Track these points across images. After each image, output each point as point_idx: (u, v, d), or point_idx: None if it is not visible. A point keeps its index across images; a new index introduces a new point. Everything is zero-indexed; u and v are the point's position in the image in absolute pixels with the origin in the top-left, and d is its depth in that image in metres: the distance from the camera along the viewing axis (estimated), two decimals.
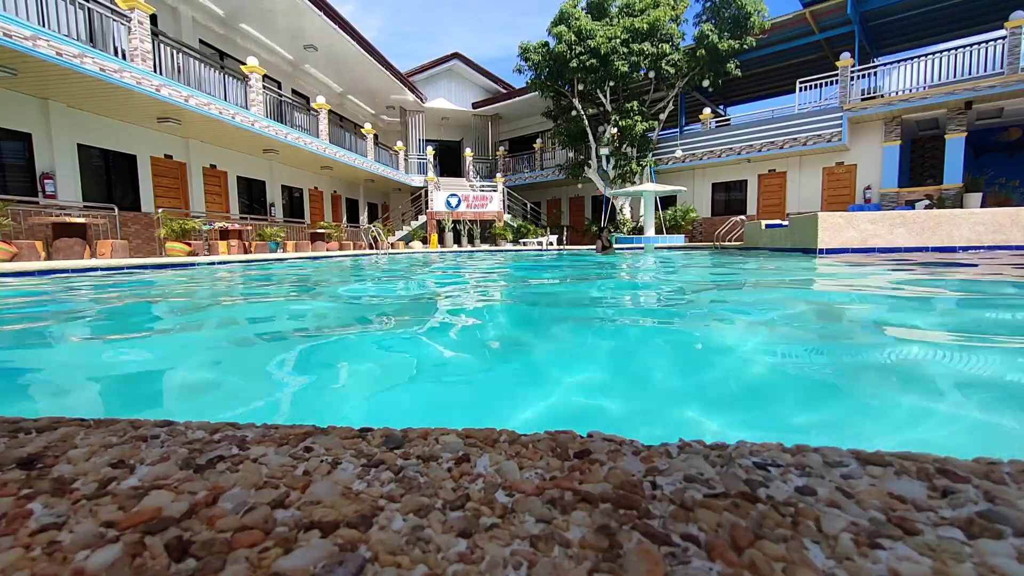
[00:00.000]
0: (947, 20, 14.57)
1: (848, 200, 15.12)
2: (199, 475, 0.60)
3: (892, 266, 6.29)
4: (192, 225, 10.49)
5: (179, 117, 10.56)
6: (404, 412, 1.59)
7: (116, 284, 5.70)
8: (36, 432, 0.74)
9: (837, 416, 1.47)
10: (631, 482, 0.57)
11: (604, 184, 18.34)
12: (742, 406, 1.58)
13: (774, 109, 17.05)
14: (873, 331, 2.60)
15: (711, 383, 1.83)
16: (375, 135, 18.89)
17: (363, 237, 18.96)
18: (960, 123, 12.88)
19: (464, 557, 0.43)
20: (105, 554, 0.44)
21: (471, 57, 23.15)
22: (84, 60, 7.85)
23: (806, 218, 9.58)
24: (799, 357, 2.11)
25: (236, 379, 1.99)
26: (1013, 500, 0.51)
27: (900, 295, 3.89)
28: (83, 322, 3.28)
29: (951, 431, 1.32)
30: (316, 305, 4.06)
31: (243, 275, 7.10)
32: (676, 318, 3.26)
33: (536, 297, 4.55)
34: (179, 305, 4.21)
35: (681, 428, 1.37)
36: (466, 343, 2.62)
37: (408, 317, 3.39)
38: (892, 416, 1.42)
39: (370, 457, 0.65)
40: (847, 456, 0.63)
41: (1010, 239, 8.62)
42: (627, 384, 1.87)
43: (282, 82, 16.81)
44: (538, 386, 1.83)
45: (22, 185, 8.89)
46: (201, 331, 3.02)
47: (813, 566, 0.41)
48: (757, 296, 4.11)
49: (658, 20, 15.50)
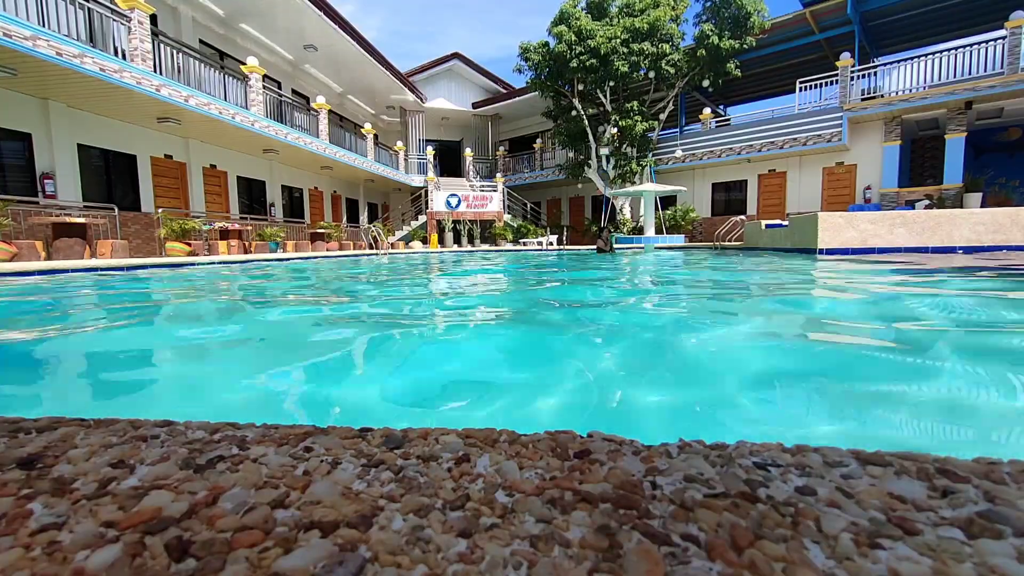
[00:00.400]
0: (947, 20, 14.57)
1: (848, 200, 15.12)
2: (199, 475, 0.60)
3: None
4: (192, 225, 10.50)
5: (179, 117, 10.56)
6: (404, 412, 1.59)
7: (142, 282, 5.70)
8: (36, 432, 0.74)
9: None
10: (631, 482, 0.57)
11: (604, 184, 18.34)
12: (743, 406, 1.58)
13: (774, 109, 17.07)
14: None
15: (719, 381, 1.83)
16: (375, 135, 18.89)
17: (363, 237, 18.96)
18: (960, 123, 12.89)
19: (464, 557, 0.43)
20: (105, 554, 0.44)
21: (471, 57, 23.18)
22: (84, 60, 7.85)
23: (806, 218, 9.58)
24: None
25: (244, 377, 1.99)
26: (1013, 500, 0.51)
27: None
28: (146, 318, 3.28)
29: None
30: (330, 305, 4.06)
31: (265, 273, 7.10)
32: (678, 317, 3.26)
33: (538, 297, 4.55)
34: (220, 305, 4.21)
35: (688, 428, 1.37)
36: (468, 342, 2.62)
37: (408, 317, 3.40)
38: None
39: (370, 457, 0.65)
40: (847, 456, 0.63)
41: (1010, 239, 8.62)
42: (641, 383, 1.87)
43: (282, 82, 16.82)
44: (541, 384, 1.83)
45: (22, 185, 8.89)
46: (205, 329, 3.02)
47: (813, 566, 0.41)
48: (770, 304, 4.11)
49: (658, 20, 15.50)
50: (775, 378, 1.85)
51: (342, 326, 3.09)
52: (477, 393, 1.77)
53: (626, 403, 1.61)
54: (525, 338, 2.74)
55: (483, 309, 3.79)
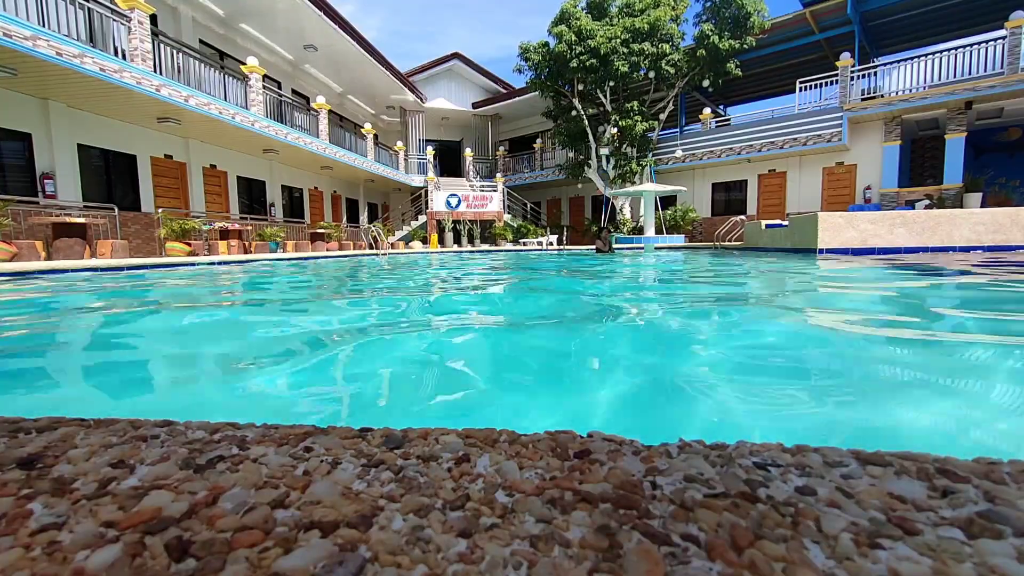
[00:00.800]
0: (947, 20, 14.57)
1: (848, 200, 15.12)
2: (199, 475, 0.60)
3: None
4: (192, 225, 10.50)
5: (179, 117, 10.56)
6: (404, 412, 1.60)
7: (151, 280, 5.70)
8: (36, 432, 0.74)
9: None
10: (631, 482, 0.57)
11: (604, 184, 18.34)
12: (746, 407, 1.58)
13: (774, 109, 17.06)
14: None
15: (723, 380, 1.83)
16: (375, 135, 18.89)
17: (363, 237, 18.96)
18: (960, 123, 12.88)
19: (464, 557, 0.43)
20: (105, 554, 0.44)
21: (471, 57, 23.18)
22: (84, 60, 7.85)
23: (806, 218, 9.58)
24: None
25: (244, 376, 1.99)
26: (1013, 500, 0.51)
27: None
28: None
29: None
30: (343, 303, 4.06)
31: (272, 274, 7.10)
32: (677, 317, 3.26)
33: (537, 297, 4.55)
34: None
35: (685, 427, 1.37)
36: (470, 341, 2.62)
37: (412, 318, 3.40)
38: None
39: (370, 457, 0.65)
40: (847, 456, 0.63)
41: (1010, 239, 8.62)
42: (636, 385, 1.87)
43: (282, 82, 16.82)
44: (543, 386, 1.83)
45: (22, 185, 8.89)
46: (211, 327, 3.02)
47: (813, 566, 0.41)
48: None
49: (658, 20, 15.50)
50: (781, 378, 1.85)
51: (338, 326, 3.09)
52: (477, 393, 1.77)
53: (626, 403, 1.61)
54: (521, 338, 2.73)
55: (476, 313, 3.79)
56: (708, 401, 1.60)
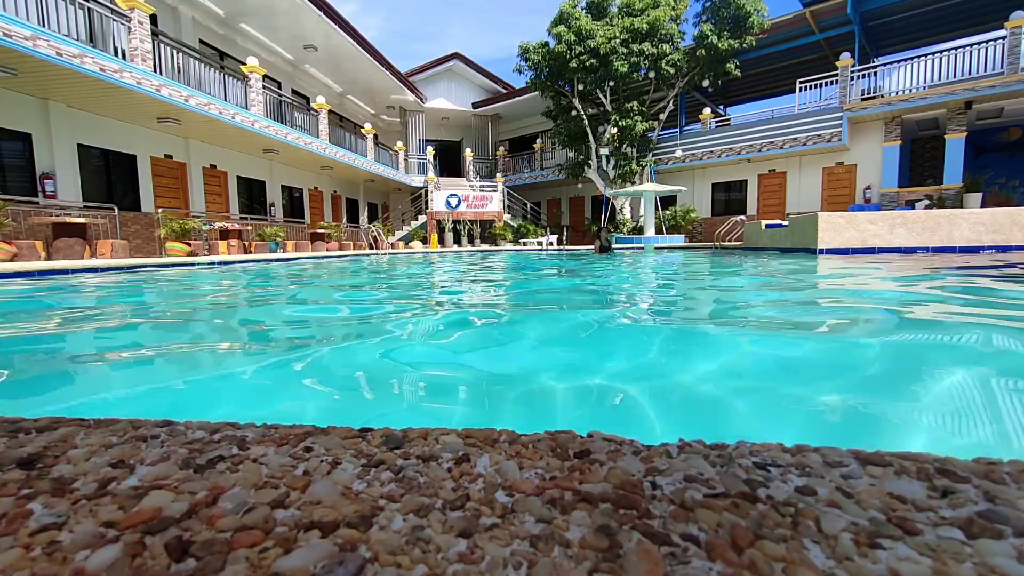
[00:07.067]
0: (947, 20, 14.57)
1: (848, 200, 15.12)
2: (199, 475, 0.60)
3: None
4: (192, 225, 10.50)
5: (179, 117, 10.56)
6: (404, 412, 1.60)
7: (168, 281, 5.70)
8: (36, 432, 0.74)
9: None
10: (631, 482, 0.57)
11: (604, 184, 18.34)
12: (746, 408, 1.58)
13: (774, 109, 17.07)
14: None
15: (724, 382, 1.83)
16: (375, 135, 18.89)
17: (363, 237, 18.95)
18: (960, 123, 12.89)
19: (464, 557, 0.43)
20: (105, 554, 0.44)
21: (471, 57, 23.18)
22: (84, 60, 7.85)
23: (806, 218, 9.58)
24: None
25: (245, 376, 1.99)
26: (1013, 500, 0.51)
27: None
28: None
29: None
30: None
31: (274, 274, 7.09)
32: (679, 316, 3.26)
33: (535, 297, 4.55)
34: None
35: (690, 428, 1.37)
36: (471, 340, 2.63)
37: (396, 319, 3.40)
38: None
39: (370, 457, 0.65)
40: (847, 456, 0.63)
41: (1010, 239, 8.62)
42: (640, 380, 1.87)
43: (282, 82, 16.81)
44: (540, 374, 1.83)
45: (22, 185, 8.89)
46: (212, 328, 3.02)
47: (813, 566, 0.41)
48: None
49: (658, 20, 15.50)
50: (787, 377, 1.85)
51: (338, 326, 3.09)
52: (477, 393, 1.77)
53: (626, 403, 1.61)
54: (518, 339, 2.73)
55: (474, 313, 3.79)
56: (708, 401, 1.60)
